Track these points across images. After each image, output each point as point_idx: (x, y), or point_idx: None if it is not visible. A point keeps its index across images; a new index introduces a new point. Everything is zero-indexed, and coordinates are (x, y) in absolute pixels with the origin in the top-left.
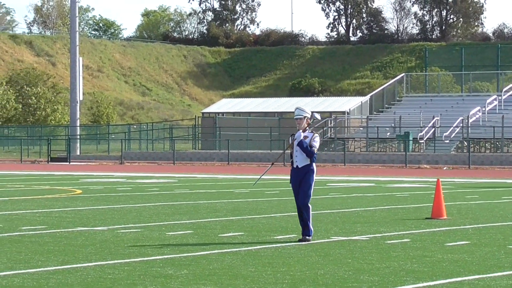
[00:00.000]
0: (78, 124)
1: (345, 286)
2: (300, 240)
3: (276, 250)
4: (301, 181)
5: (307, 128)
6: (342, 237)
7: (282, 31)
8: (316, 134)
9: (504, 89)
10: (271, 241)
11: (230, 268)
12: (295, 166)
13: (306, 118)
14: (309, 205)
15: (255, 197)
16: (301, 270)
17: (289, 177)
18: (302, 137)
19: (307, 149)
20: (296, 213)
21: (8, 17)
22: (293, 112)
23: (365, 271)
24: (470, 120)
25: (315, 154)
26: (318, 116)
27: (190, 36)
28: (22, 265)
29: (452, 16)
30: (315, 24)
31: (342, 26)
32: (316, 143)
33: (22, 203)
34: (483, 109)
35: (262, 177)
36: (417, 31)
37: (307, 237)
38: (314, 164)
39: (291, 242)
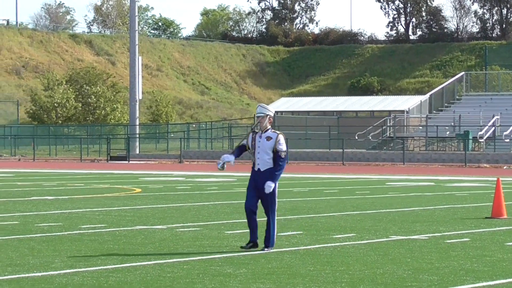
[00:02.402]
0: (137, 123)
1: (404, 286)
2: (249, 247)
3: (335, 249)
4: (262, 187)
5: (269, 127)
6: (401, 236)
7: (341, 30)
8: (280, 135)
9: None
10: (329, 240)
11: (288, 267)
12: (256, 168)
13: (268, 116)
14: (275, 212)
15: (313, 196)
16: (360, 269)
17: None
18: (265, 138)
19: (282, 163)
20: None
21: (68, 17)
22: (352, 111)
23: (424, 270)
24: None
25: (286, 159)
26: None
27: (249, 35)
28: (82, 264)
29: None
30: (374, 23)
31: (401, 24)
32: (282, 145)
33: (82, 202)
34: None
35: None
36: (477, 30)
37: (268, 247)
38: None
39: (350, 241)
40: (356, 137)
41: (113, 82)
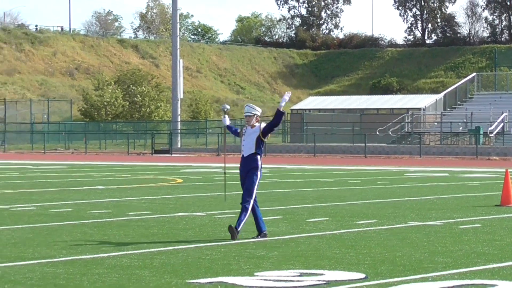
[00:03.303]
0: (179, 120)
1: (421, 267)
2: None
3: (358, 234)
4: (246, 174)
5: (257, 125)
6: (418, 222)
7: (363, 35)
8: (263, 123)
9: None
10: (353, 226)
11: (316, 250)
12: (242, 155)
13: (255, 115)
14: (252, 200)
15: (338, 185)
16: (380, 252)
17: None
18: (250, 127)
19: (271, 125)
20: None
21: (116, 23)
22: (374, 109)
23: (439, 253)
24: None
25: (271, 126)
26: (227, 106)
27: (280, 40)
28: (130, 247)
29: None
30: (393, 29)
31: (418, 30)
32: (264, 125)
33: (129, 191)
34: None
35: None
36: (487, 34)
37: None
38: (259, 157)
39: (372, 227)
40: (377, 132)
41: (157, 83)
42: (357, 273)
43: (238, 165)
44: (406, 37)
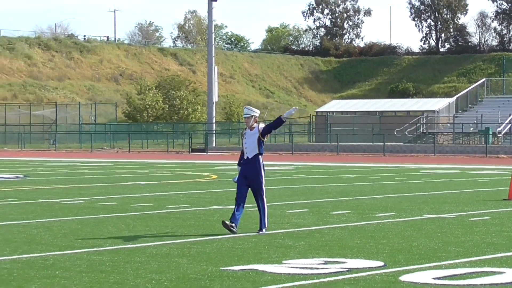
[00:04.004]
0: (214, 121)
1: (435, 256)
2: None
3: (377, 225)
4: (252, 173)
5: (255, 125)
6: (432, 215)
7: (382, 43)
8: (262, 123)
9: None
10: (373, 218)
11: (339, 240)
12: (246, 157)
13: (253, 116)
14: (264, 198)
15: (360, 181)
16: (398, 242)
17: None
18: (249, 129)
19: (270, 127)
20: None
21: (157, 34)
22: (392, 111)
23: (452, 243)
24: None
25: (273, 122)
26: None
27: (306, 48)
28: (169, 237)
29: None
30: (410, 38)
31: (432, 39)
32: (262, 125)
33: (168, 186)
34: None
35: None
36: (496, 43)
37: (261, 231)
38: (261, 157)
39: (390, 219)
40: (395, 133)
41: (194, 88)
42: (376, 261)
43: (264, 162)
44: (421, 46)
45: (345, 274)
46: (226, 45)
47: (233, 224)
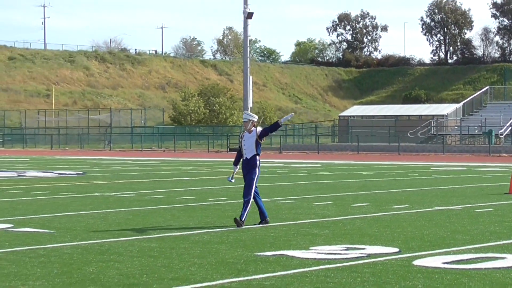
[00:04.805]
0: None
1: (444, 243)
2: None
3: (393, 216)
4: (247, 172)
5: (253, 129)
6: (442, 207)
7: (397, 56)
8: (259, 128)
9: None
10: (389, 210)
11: (359, 229)
12: (244, 158)
13: (252, 121)
14: (254, 193)
15: (377, 177)
16: (411, 231)
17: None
18: (248, 132)
19: (269, 130)
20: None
21: (199, 47)
22: (406, 116)
23: (459, 232)
24: None
25: (270, 126)
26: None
27: (330, 60)
28: (209, 226)
29: None
30: (421, 50)
31: (442, 51)
32: (260, 129)
33: (208, 181)
34: None
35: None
36: (498, 55)
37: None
38: (258, 157)
39: (404, 210)
40: (409, 134)
41: (231, 95)
42: (392, 248)
43: (294, 160)
44: (432, 57)
45: (364, 259)
46: (260, 57)
47: (267, 219)
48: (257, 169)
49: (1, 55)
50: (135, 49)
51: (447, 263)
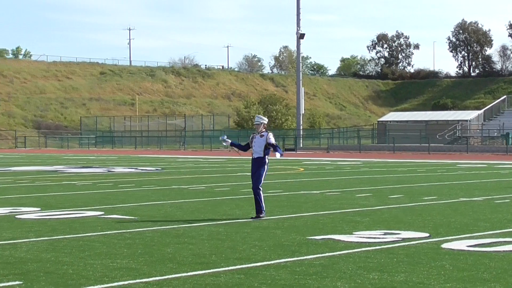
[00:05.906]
0: (301, 128)
1: (468, 229)
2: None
3: (424, 206)
4: (257, 169)
5: (264, 130)
6: (466, 198)
7: (427, 69)
8: (270, 133)
9: None
10: (420, 200)
11: (395, 217)
12: (253, 157)
13: (263, 123)
14: (260, 187)
15: (410, 173)
16: (440, 219)
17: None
18: (259, 136)
19: (273, 147)
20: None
21: (259, 63)
22: (435, 121)
23: (481, 220)
24: None
25: (277, 146)
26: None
27: (370, 73)
28: (268, 214)
29: None
30: (448, 65)
31: (465, 66)
32: (271, 140)
33: (268, 176)
34: None
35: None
36: None
37: (260, 215)
38: (267, 157)
39: (433, 201)
40: (437, 136)
41: (286, 103)
42: (423, 233)
43: (340, 159)
44: (457, 71)
45: (399, 243)
46: (310, 71)
47: (262, 215)
48: (265, 166)
49: (94, 71)
50: (205, 65)
51: (470, 246)
